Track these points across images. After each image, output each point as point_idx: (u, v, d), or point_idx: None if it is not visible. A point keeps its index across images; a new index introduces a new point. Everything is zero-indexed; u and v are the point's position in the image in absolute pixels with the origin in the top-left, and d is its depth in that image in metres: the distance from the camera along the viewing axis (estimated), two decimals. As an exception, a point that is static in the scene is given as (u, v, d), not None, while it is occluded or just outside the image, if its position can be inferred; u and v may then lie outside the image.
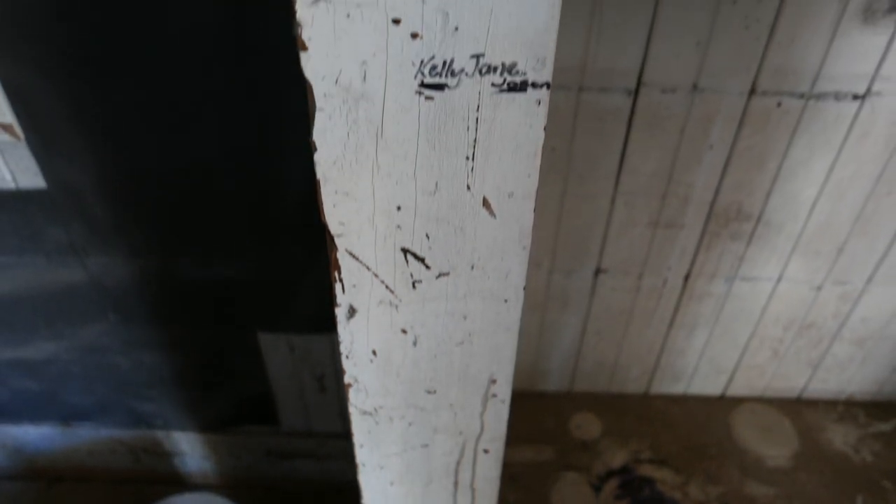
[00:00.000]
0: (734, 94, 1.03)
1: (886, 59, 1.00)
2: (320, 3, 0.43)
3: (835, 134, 1.07)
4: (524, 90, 0.47)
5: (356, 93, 0.47)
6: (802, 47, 0.98)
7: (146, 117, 1.07)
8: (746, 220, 1.18)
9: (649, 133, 1.07)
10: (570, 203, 1.16)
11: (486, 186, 0.52)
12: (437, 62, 0.45)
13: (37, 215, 1.24)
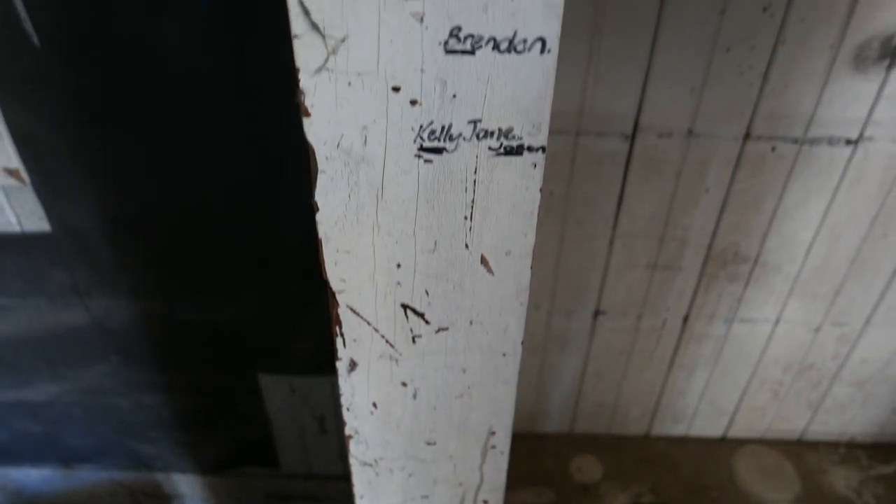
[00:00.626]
0: (729, 138, 1.05)
1: (878, 105, 1.01)
2: (323, 72, 0.44)
3: (829, 177, 1.09)
4: (520, 154, 0.48)
5: (357, 156, 0.48)
6: (795, 93, 1.00)
7: (149, 163, 1.08)
8: (744, 262, 1.19)
9: (646, 177, 1.09)
10: (568, 245, 1.17)
11: (484, 245, 0.53)
12: (435, 127, 0.47)
13: (41, 258, 1.25)
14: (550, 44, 0.43)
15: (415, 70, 0.44)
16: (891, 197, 1.10)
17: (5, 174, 1.11)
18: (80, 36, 0.96)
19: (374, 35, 0.43)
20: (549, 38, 0.43)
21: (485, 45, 0.43)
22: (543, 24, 0.42)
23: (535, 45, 0.43)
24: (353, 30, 0.43)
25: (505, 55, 0.43)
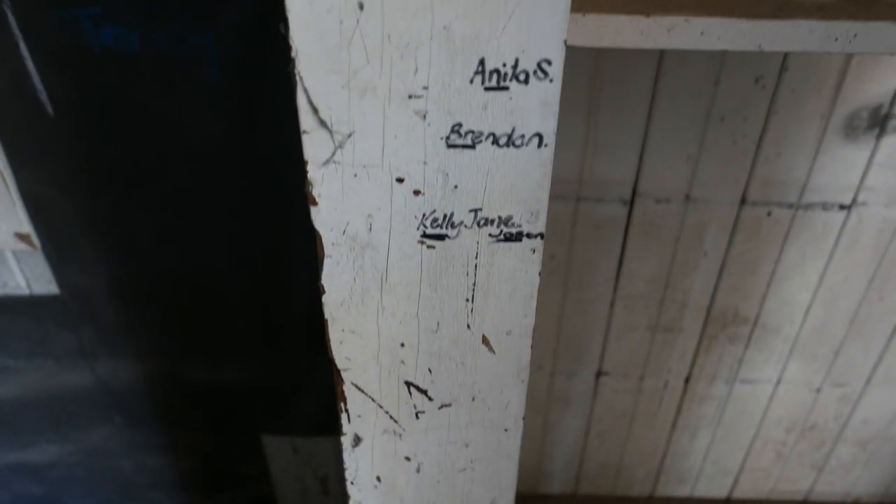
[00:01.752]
0: (725, 204, 1.07)
1: (870, 172, 1.04)
2: (330, 165, 0.47)
3: (825, 241, 1.10)
4: (519, 240, 0.50)
5: (362, 242, 0.50)
6: (788, 161, 1.03)
7: (157, 228, 1.11)
8: (743, 324, 1.20)
9: (646, 240, 1.11)
10: (570, 307, 1.18)
11: (486, 325, 0.54)
12: (438, 216, 0.49)
13: (48, 320, 1.26)
14: (547, 139, 0.45)
15: (418, 163, 0.46)
16: (886, 260, 1.12)
17: (16, 239, 1.13)
18: (93, 106, 1.00)
19: (379, 131, 0.45)
20: (545, 133, 0.45)
21: (485, 140, 0.45)
22: (540, 121, 0.45)
23: (532, 139, 0.45)
24: (360, 126, 0.45)
25: (504, 149, 0.46)
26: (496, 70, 0.43)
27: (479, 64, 0.42)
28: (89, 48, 0.94)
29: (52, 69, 0.96)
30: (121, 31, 0.92)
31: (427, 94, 0.43)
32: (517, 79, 0.43)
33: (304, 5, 0.41)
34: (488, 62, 0.42)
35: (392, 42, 0.42)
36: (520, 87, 0.43)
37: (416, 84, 0.43)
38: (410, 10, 0.41)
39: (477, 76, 0.43)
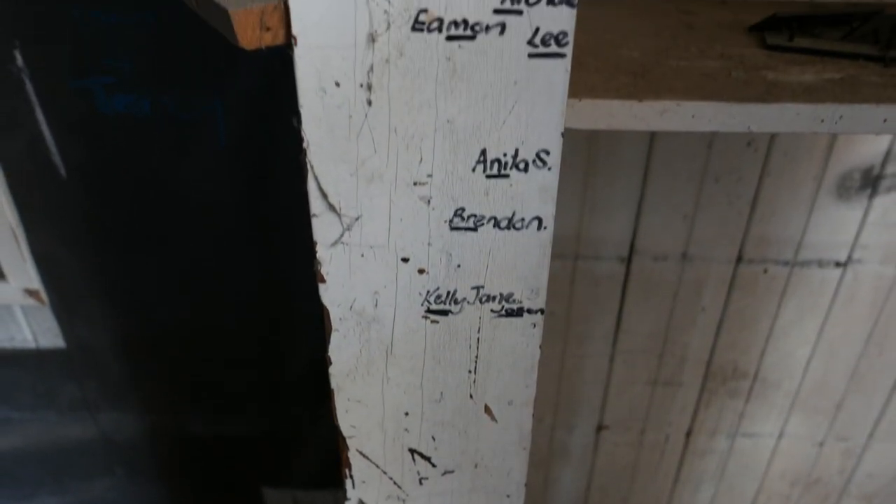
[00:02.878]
0: (722, 261, 1.09)
1: (863, 230, 1.06)
2: (338, 246, 0.49)
3: (822, 297, 1.12)
4: (520, 315, 0.51)
5: (368, 317, 0.52)
6: (783, 220, 1.05)
7: (163, 284, 1.13)
8: (743, 378, 1.21)
9: (644, 297, 1.12)
10: (569, 362, 1.19)
11: (488, 395, 0.56)
12: (441, 292, 0.51)
13: (53, 373, 1.27)
14: (546, 221, 0.47)
15: (422, 244, 0.48)
16: (883, 316, 1.13)
17: (25, 294, 1.15)
18: (105, 168, 1.03)
19: (385, 214, 0.47)
20: (545, 217, 0.47)
21: (486, 223, 0.47)
22: (539, 206, 0.47)
23: (532, 222, 0.47)
24: (367, 210, 0.47)
25: (505, 231, 0.48)
26: (497, 159, 0.45)
27: (480, 154, 0.45)
28: (102, 114, 0.97)
29: (65, 133, 0.99)
30: (133, 98, 0.95)
31: (431, 181, 0.46)
32: (517, 167, 0.45)
33: (316, 101, 0.43)
34: (490, 152, 0.45)
35: (398, 134, 0.44)
36: (520, 175, 0.45)
37: (420, 172, 0.45)
38: (415, 105, 0.43)
39: (479, 165, 0.45)
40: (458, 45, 0.41)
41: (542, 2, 0.40)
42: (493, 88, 0.43)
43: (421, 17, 0.40)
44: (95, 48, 0.92)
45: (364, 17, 0.41)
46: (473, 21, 0.41)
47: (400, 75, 0.42)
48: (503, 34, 0.41)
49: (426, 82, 0.42)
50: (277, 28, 0.41)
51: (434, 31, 0.41)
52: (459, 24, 0.41)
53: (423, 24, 0.41)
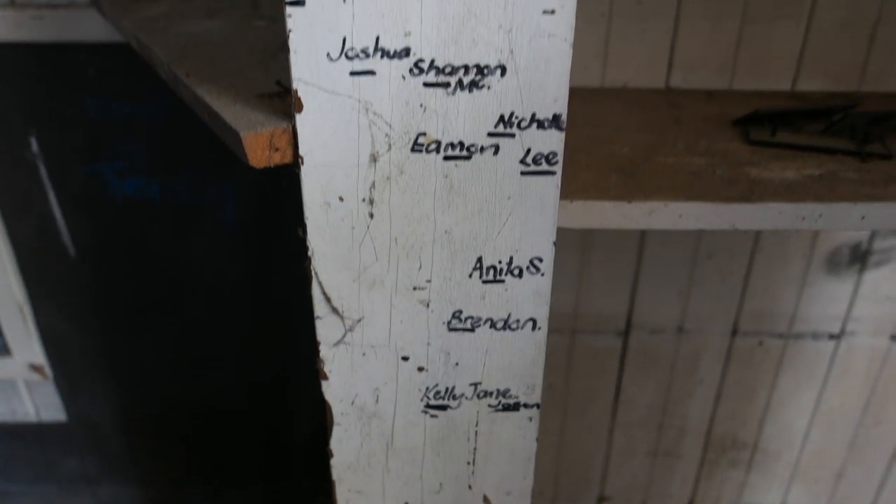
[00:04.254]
0: (718, 334, 1.11)
1: (855, 303, 1.08)
2: (340, 345, 0.51)
3: (817, 369, 1.13)
4: (517, 410, 0.53)
5: (369, 412, 0.54)
6: (776, 294, 1.07)
7: (167, 361, 1.14)
8: (743, 449, 1.21)
9: (642, 370, 1.14)
10: (569, 434, 1.20)
11: (486, 486, 0.57)
12: (440, 389, 0.52)
13: (54, 447, 1.28)
14: (540, 322, 0.50)
15: (422, 343, 0.50)
16: (878, 386, 1.14)
17: (30, 370, 1.16)
18: (113, 248, 1.05)
19: (386, 316, 0.49)
20: (539, 318, 0.49)
21: (483, 325, 0.50)
22: (534, 308, 0.49)
23: (527, 324, 0.50)
24: (368, 313, 0.49)
25: (501, 332, 0.50)
26: (493, 266, 0.47)
27: (477, 261, 0.47)
28: (113, 196, 1.00)
29: (76, 215, 1.03)
30: (143, 182, 0.99)
31: (430, 286, 0.48)
32: (512, 273, 0.48)
33: (321, 214, 0.46)
34: (486, 260, 0.47)
35: (399, 244, 0.47)
36: (514, 280, 0.48)
37: (420, 278, 0.48)
38: (415, 218, 0.46)
39: (475, 271, 0.48)
40: (454, 165, 0.44)
41: (532, 126, 0.43)
42: (488, 202, 0.45)
43: (420, 140, 0.44)
44: (109, 135, 0.96)
45: (367, 139, 0.44)
46: (469, 143, 0.44)
47: (400, 191, 0.45)
48: (497, 154, 0.44)
49: (425, 197, 0.45)
50: (285, 149, 0.44)
51: (432, 152, 0.44)
52: (456, 145, 0.44)
53: (422, 146, 0.44)
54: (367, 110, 0.43)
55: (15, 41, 0.91)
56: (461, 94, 0.42)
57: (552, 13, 0.40)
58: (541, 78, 0.42)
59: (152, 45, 0.62)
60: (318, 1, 0.40)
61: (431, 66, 0.41)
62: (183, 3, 0.74)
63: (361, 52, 0.41)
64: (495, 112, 0.43)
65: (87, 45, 0.91)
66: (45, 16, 0.90)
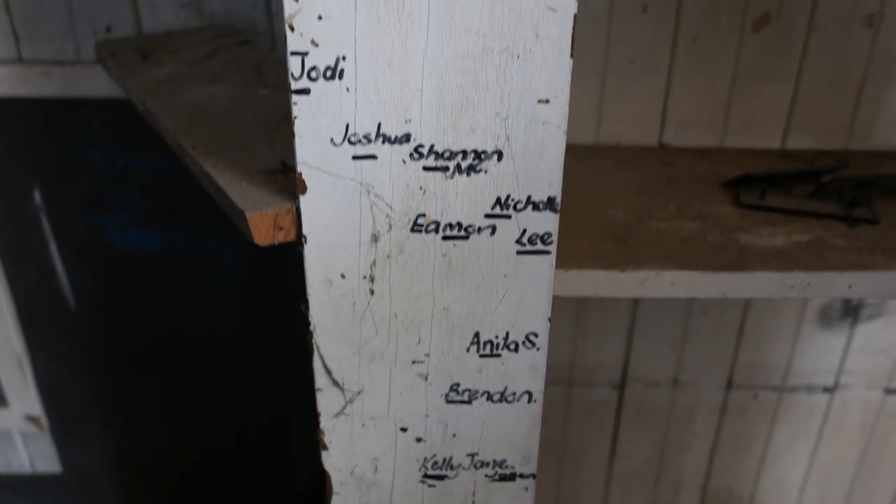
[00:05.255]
0: (713, 387, 1.11)
1: (848, 357, 1.09)
2: (340, 416, 0.52)
3: (811, 422, 1.14)
4: (513, 479, 0.54)
5: (368, 481, 0.54)
6: (769, 347, 1.08)
7: (165, 413, 1.14)
8: (739, 502, 1.21)
9: (638, 422, 1.14)
10: (566, 486, 1.19)
11: (483, 555, 0.57)
12: (438, 459, 0.53)
13: (47, 498, 1.27)
14: (536, 395, 0.51)
15: (420, 415, 0.51)
16: (873, 439, 1.15)
17: (26, 420, 1.16)
18: (113, 299, 1.06)
19: (385, 389, 0.50)
20: (534, 391, 0.50)
21: (480, 397, 0.50)
22: (530, 381, 0.50)
23: (523, 396, 0.51)
24: (368, 385, 0.50)
25: (498, 404, 0.51)
26: (490, 341, 0.49)
27: (474, 336, 0.48)
28: (114, 248, 1.01)
29: (77, 266, 1.03)
30: (145, 234, 1.00)
31: (429, 360, 0.49)
32: (508, 348, 0.49)
33: (323, 290, 0.47)
34: (483, 335, 0.48)
35: (398, 319, 0.48)
36: (511, 355, 0.49)
37: (419, 352, 0.49)
38: (414, 294, 0.47)
39: (473, 346, 0.49)
40: (453, 244, 0.46)
41: (528, 208, 0.45)
42: (485, 280, 0.47)
43: (419, 220, 0.45)
44: (112, 187, 0.98)
45: (368, 220, 0.45)
46: (467, 224, 0.45)
47: (400, 269, 0.46)
48: (494, 234, 0.45)
49: (424, 275, 0.46)
50: (289, 228, 0.46)
51: (431, 232, 0.45)
52: (454, 226, 0.45)
53: (422, 226, 0.45)
54: (368, 192, 0.44)
55: (22, 96, 0.93)
56: (459, 178, 0.44)
57: (547, 102, 0.42)
58: (536, 163, 0.43)
59: (159, 111, 0.64)
60: (322, 90, 0.41)
61: (431, 151, 0.43)
62: (188, 65, 0.76)
63: (364, 137, 0.43)
64: (492, 194, 0.44)
65: (92, 101, 0.93)
66: (52, 72, 0.92)
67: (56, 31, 0.89)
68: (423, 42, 0.40)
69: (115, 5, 0.87)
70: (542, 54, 0.40)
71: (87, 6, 0.87)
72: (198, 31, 0.85)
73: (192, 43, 0.81)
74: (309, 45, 0.40)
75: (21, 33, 0.90)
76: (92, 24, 0.88)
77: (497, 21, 0.40)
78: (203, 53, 0.76)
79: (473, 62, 0.41)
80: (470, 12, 0.40)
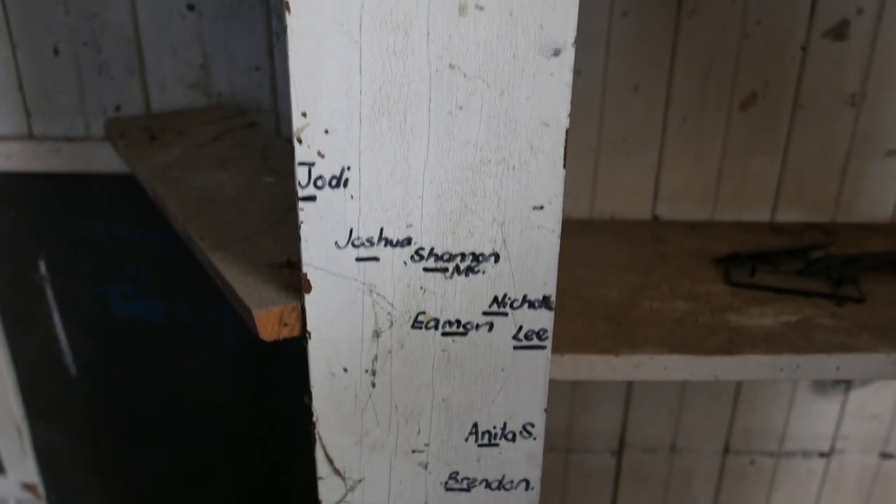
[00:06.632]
0: (710, 453, 1.12)
1: (843, 422, 1.10)
2: (342, 503, 0.53)
3: (810, 486, 1.14)
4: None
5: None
6: (765, 413, 1.09)
7: (161, 478, 1.14)
8: (740, 569, 1.20)
9: (636, 488, 1.14)
10: (565, 553, 1.19)
11: None
12: (437, 545, 0.54)
13: (42, 565, 1.26)
14: (533, 483, 0.52)
15: (420, 503, 0.52)
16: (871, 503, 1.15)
17: (23, 489, 1.16)
18: (114, 368, 1.07)
19: (386, 478, 0.51)
20: (531, 479, 0.52)
21: (478, 485, 0.52)
22: (527, 470, 0.51)
23: (520, 484, 0.52)
24: (369, 474, 0.51)
25: (496, 492, 0.52)
26: (488, 431, 0.50)
27: (473, 426, 0.50)
28: (117, 318, 1.03)
29: (79, 335, 1.05)
30: (147, 304, 1.01)
31: (428, 449, 0.50)
32: (506, 438, 0.50)
33: (326, 383, 0.48)
34: (481, 425, 0.50)
35: (399, 410, 0.49)
36: (508, 444, 0.50)
37: (419, 442, 0.50)
38: (414, 387, 0.49)
39: (471, 436, 0.50)
40: (452, 340, 0.47)
41: (524, 306, 0.46)
42: (483, 374, 0.48)
43: (420, 318, 0.47)
44: (116, 259, 0.99)
45: (370, 317, 0.47)
46: (465, 321, 0.47)
47: (401, 363, 0.48)
48: (491, 331, 0.47)
49: (424, 369, 0.48)
50: (294, 324, 0.47)
51: (431, 329, 0.47)
52: (453, 322, 0.47)
53: (422, 323, 0.47)
54: (371, 292, 0.46)
55: (31, 171, 0.96)
56: (458, 278, 0.46)
57: (541, 208, 0.44)
58: (531, 264, 0.45)
59: (167, 198, 0.66)
60: (328, 197, 0.44)
61: (431, 253, 0.45)
62: (195, 148, 0.78)
63: (367, 241, 0.45)
64: (489, 294, 0.46)
65: (99, 176, 0.96)
66: (61, 148, 0.94)
67: (67, 109, 0.92)
68: (423, 154, 0.43)
69: (125, 85, 0.90)
70: (536, 165, 0.43)
71: (97, 86, 0.90)
72: (205, 111, 0.88)
73: (198, 124, 0.83)
74: (316, 156, 0.43)
75: (33, 110, 0.93)
76: (102, 103, 0.91)
77: (494, 135, 0.42)
78: (210, 136, 0.79)
79: (472, 172, 0.43)
80: (468, 127, 0.42)
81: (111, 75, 0.89)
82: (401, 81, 0.41)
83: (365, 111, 0.42)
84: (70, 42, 0.88)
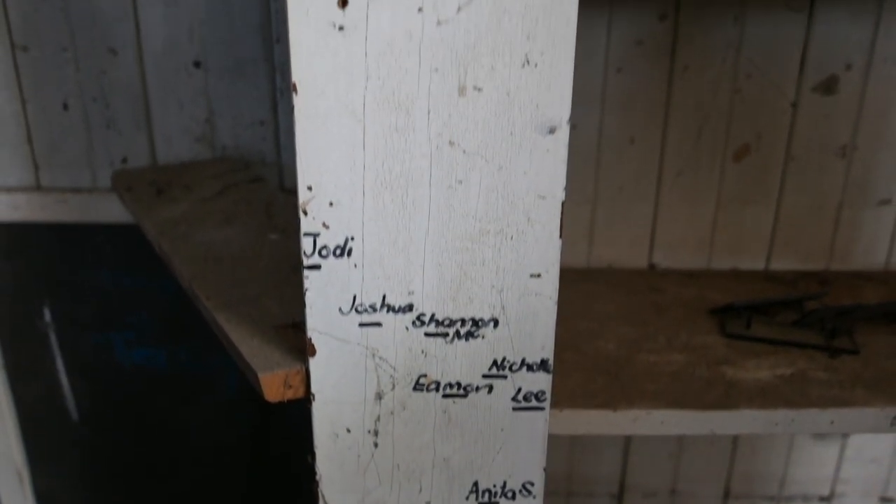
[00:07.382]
0: (710, 497, 1.12)
1: (842, 466, 1.10)
2: (344, 562, 0.53)
3: (811, 532, 1.14)
4: None
5: None
6: (764, 458, 1.09)
7: (164, 524, 1.14)
8: None
9: (636, 533, 1.14)
10: None
11: None
12: None
13: None
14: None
15: None
16: (873, 549, 1.14)
17: (23, 535, 1.15)
18: (116, 414, 1.08)
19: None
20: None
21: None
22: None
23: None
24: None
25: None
26: (488, 489, 0.51)
27: (473, 485, 0.51)
28: (120, 365, 1.04)
29: (82, 382, 1.06)
30: (150, 352, 1.02)
31: (429, 509, 0.51)
32: (506, 496, 0.51)
33: (329, 443, 0.50)
34: (481, 484, 0.51)
35: (401, 470, 0.50)
36: (508, 503, 0.51)
37: (420, 500, 0.51)
38: (416, 447, 0.50)
39: (472, 494, 0.51)
40: (452, 401, 0.49)
41: (523, 369, 0.48)
42: (483, 434, 0.49)
43: (421, 380, 0.48)
44: (120, 307, 1.01)
45: (373, 380, 0.48)
46: (466, 383, 0.48)
47: (403, 424, 0.49)
48: (491, 393, 0.48)
49: (425, 429, 0.49)
50: (298, 386, 0.49)
51: (432, 391, 0.48)
52: (454, 385, 0.48)
53: (423, 385, 0.48)
54: (373, 355, 0.47)
55: (38, 221, 0.97)
56: (458, 343, 0.47)
57: (538, 276, 0.46)
58: (530, 329, 0.47)
59: (173, 254, 0.68)
60: (332, 266, 0.45)
61: (432, 319, 0.47)
62: (201, 203, 0.80)
63: (370, 307, 0.46)
64: (489, 357, 0.48)
65: (104, 226, 0.97)
66: (68, 199, 0.96)
67: (74, 161, 0.94)
68: (424, 225, 0.44)
69: (132, 138, 0.92)
70: (533, 235, 0.45)
71: (105, 139, 0.92)
72: (210, 164, 0.90)
73: (204, 177, 0.85)
74: (320, 227, 0.44)
75: (41, 162, 0.95)
76: (109, 155, 0.93)
77: (492, 208, 0.44)
78: (215, 190, 0.81)
79: (471, 242, 0.45)
80: (468, 200, 0.44)
81: (119, 129, 0.91)
82: (403, 157, 0.43)
83: (368, 185, 0.43)
84: (79, 97, 0.90)
